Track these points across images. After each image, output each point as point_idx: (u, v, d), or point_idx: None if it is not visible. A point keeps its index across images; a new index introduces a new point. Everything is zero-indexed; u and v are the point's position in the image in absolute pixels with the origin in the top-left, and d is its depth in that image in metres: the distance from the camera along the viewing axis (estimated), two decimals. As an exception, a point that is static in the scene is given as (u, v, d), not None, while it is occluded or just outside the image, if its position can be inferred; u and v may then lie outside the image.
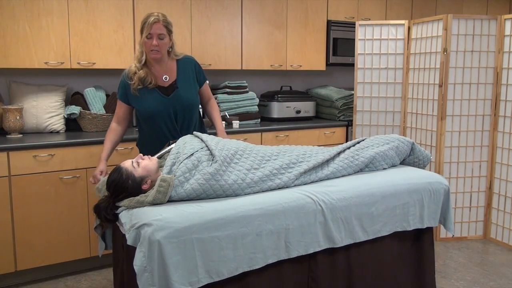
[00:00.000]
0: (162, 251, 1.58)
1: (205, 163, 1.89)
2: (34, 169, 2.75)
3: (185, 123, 2.44)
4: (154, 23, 2.22)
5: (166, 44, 2.31)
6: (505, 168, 3.42)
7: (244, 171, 1.94)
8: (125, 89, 2.37)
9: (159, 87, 2.37)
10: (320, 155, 2.16)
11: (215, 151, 1.94)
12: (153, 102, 2.34)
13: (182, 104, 2.39)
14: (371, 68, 3.77)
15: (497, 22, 3.40)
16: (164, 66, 2.38)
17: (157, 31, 2.23)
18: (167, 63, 2.39)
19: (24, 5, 2.90)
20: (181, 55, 2.46)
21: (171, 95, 2.37)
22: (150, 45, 2.25)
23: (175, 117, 2.40)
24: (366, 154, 2.24)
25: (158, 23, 2.23)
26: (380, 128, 3.81)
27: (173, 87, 2.38)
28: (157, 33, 2.23)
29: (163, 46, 2.29)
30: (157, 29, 2.23)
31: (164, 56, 2.34)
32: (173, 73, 2.41)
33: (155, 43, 2.24)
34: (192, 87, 2.46)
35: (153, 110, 2.35)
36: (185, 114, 2.42)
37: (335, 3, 4.20)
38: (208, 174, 1.84)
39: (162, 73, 2.38)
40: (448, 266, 3.09)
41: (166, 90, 2.37)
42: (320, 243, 1.93)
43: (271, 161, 2.05)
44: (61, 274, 2.98)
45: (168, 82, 2.39)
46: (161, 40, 2.26)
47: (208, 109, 2.65)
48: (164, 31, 2.26)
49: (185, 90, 2.40)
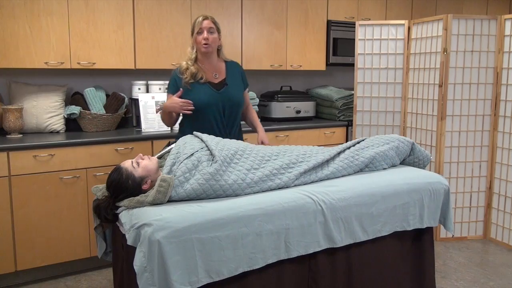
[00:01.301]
0: (162, 251, 1.58)
1: (205, 163, 1.89)
2: (34, 169, 2.76)
3: (231, 120, 2.54)
4: (204, 19, 2.41)
5: (216, 39, 2.45)
6: (505, 168, 3.42)
7: (244, 171, 1.94)
8: (177, 83, 2.46)
9: (210, 83, 2.47)
10: (320, 155, 2.16)
11: (215, 151, 1.94)
12: (204, 95, 2.43)
13: (231, 100, 2.49)
14: (371, 68, 3.77)
15: (497, 22, 3.40)
16: (214, 64, 2.51)
17: (207, 26, 2.40)
18: (217, 62, 2.52)
19: (24, 5, 2.91)
20: (229, 59, 2.61)
21: (221, 90, 2.48)
22: (201, 39, 2.40)
23: (223, 111, 2.49)
24: (366, 154, 2.24)
25: (208, 19, 2.41)
26: (380, 128, 3.81)
27: (222, 84, 2.50)
28: (207, 27, 2.39)
29: (213, 41, 2.42)
30: (207, 24, 2.40)
31: (214, 52, 2.48)
32: (222, 72, 2.54)
33: (206, 36, 2.38)
34: (240, 87, 2.58)
35: (204, 102, 2.42)
36: (232, 111, 2.52)
37: (335, 3, 4.20)
38: (208, 174, 1.84)
39: (212, 70, 2.50)
40: (448, 266, 3.09)
41: (216, 86, 2.48)
42: (320, 243, 1.93)
43: (271, 161, 2.05)
44: (61, 274, 2.98)
45: (218, 79, 2.51)
46: (211, 34, 2.41)
47: (249, 113, 2.76)
48: (214, 26, 2.43)
49: (234, 88, 2.53)
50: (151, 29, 3.34)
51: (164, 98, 3.38)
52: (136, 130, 3.36)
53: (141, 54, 3.32)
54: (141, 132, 3.23)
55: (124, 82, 3.57)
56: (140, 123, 3.33)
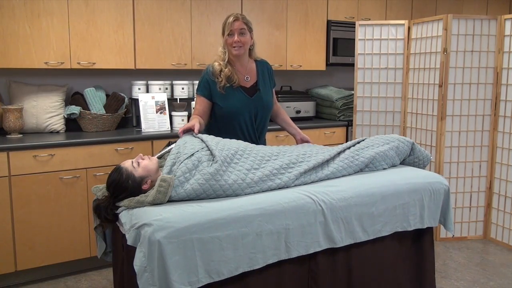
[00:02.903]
0: (162, 251, 1.58)
1: (205, 163, 1.89)
2: (34, 169, 2.75)
3: (261, 124, 2.52)
4: (235, 20, 2.32)
5: (248, 40, 2.38)
6: (505, 168, 3.42)
7: (244, 171, 1.94)
8: (209, 86, 2.40)
9: (242, 87, 2.42)
10: (320, 155, 2.16)
11: (216, 151, 1.94)
12: (238, 102, 2.39)
13: (262, 106, 2.46)
14: (371, 68, 3.77)
15: (497, 22, 3.40)
16: (245, 66, 2.45)
17: (238, 27, 2.32)
18: (248, 63, 2.47)
19: (24, 5, 2.90)
20: (259, 58, 2.55)
21: (254, 96, 2.43)
22: (232, 42, 2.34)
23: (255, 118, 2.46)
24: (366, 154, 2.24)
25: (238, 20, 2.33)
26: (380, 128, 3.81)
27: (255, 89, 2.45)
28: (238, 29, 2.32)
29: (245, 42, 2.36)
30: (238, 26, 2.32)
31: (245, 54, 2.42)
32: (254, 74, 2.48)
33: (237, 39, 2.32)
34: (269, 90, 2.53)
35: (238, 109, 2.39)
36: (263, 116, 2.50)
37: (335, 3, 4.20)
38: (208, 174, 1.84)
39: (243, 73, 2.45)
40: (448, 266, 3.09)
41: (249, 91, 2.43)
42: (320, 243, 1.93)
43: (271, 161, 2.05)
44: (61, 274, 2.98)
45: (250, 82, 2.46)
46: (242, 35, 2.34)
47: (280, 112, 2.69)
48: (245, 27, 2.35)
49: (265, 92, 2.48)
50: (151, 29, 3.34)
51: (164, 98, 3.39)
52: (136, 130, 3.36)
53: (141, 54, 3.32)
54: (141, 132, 3.23)
55: (124, 82, 3.57)
56: (140, 123, 3.33)
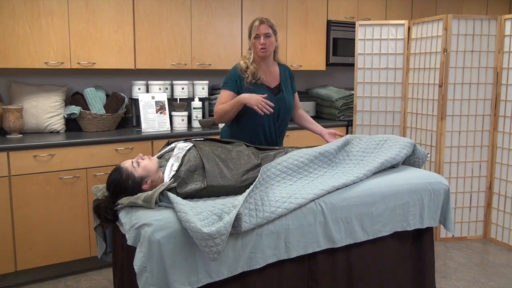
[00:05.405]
0: (162, 251, 1.58)
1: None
2: (34, 169, 2.75)
3: (282, 125, 2.57)
4: (260, 24, 2.42)
5: (273, 43, 2.47)
6: (505, 168, 3.42)
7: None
8: (238, 81, 2.45)
9: (267, 86, 2.49)
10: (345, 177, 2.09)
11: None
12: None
13: (285, 107, 2.52)
14: (371, 68, 3.76)
15: (497, 22, 3.40)
16: (269, 68, 2.53)
17: (264, 31, 2.41)
18: (272, 65, 2.55)
19: (24, 5, 2.91)
20: (282, 62, 2.63)
21: (277, 97, 2.49)
22: (259, 44, 2.42)
23: (277, 117, 2.51)
24: (376, 164, 2.20)
25: (264, 24, 2.42)
26: (380, 128, 3.81)
27: (278, 89, 2.52)
28: (264, 33, 2.41)
29: (270, 45, 2.45)
30: (264, 29, 2.42)
31: (270, 56, 2.51)
32: (277, 76, 2.55)
33: (263, 42, 2.41)
34: (291, 93, 2.60)
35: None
36: (285, 117, 2.56)
37: (335, 3, 4.20)
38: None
39: (268, 75, 2.51)
40: (448, 266, 3.08)
41: (273, 91, 2.50)
42: (320, 243, 1.93)
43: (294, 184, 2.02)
44: (61, 274, 2.98)
45: (273, 83, 2.52)
46: (268, 38, 2.43)
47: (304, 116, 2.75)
48: (270, 30, 2.44)
49: (288, 94, 2.55)
50: (151, 29, 3.34)
51: (164, 98, 3.39)
52: (136, 130, 3.36)
53: (141, 54, 3.32)
54: (141, 132, 3.23)
55: (124, 82, 3.57)
56: (140, 123, 3.33)
